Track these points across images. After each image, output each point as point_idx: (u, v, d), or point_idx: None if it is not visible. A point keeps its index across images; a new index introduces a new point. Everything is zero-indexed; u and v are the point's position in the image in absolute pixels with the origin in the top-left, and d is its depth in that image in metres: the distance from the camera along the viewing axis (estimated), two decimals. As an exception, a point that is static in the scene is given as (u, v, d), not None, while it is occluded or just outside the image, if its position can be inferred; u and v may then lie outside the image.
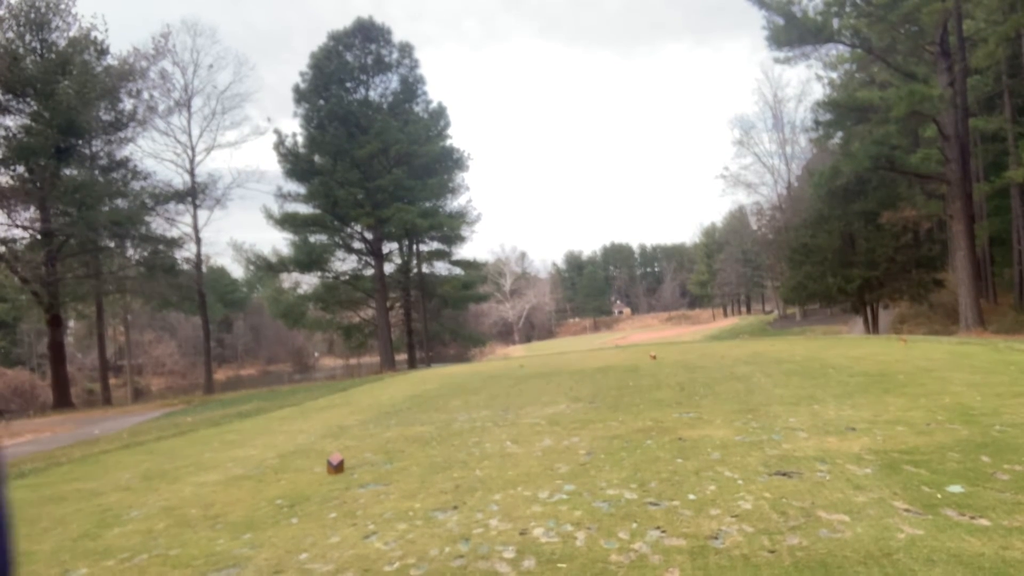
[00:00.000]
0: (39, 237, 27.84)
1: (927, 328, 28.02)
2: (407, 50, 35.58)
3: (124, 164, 31.48)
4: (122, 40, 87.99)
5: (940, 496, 3.52)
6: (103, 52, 29.77)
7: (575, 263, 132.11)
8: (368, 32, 34.69)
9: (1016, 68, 27.02)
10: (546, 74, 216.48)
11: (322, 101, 33.63)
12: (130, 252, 32.25)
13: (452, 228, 35.41)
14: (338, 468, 5.78)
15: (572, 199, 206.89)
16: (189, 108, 34.09)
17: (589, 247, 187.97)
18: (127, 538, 4.21)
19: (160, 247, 31.67)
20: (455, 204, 37.05)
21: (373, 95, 35.21)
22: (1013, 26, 22.65)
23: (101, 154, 30.78)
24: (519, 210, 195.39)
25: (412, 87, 35.78)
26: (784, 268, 39.80)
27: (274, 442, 8.02)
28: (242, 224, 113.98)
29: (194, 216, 33.16)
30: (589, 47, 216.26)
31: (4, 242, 27.45)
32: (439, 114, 36.19)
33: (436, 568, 3.22)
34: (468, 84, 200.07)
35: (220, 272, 63.51)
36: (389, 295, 35.69)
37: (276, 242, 51.85)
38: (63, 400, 27.87)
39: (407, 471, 5.55)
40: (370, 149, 31.92)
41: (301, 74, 34.14)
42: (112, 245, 30.83)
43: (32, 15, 27.25)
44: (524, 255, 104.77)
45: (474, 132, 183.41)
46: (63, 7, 28.10)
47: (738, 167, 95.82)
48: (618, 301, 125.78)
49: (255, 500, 4.97)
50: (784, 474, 4.25)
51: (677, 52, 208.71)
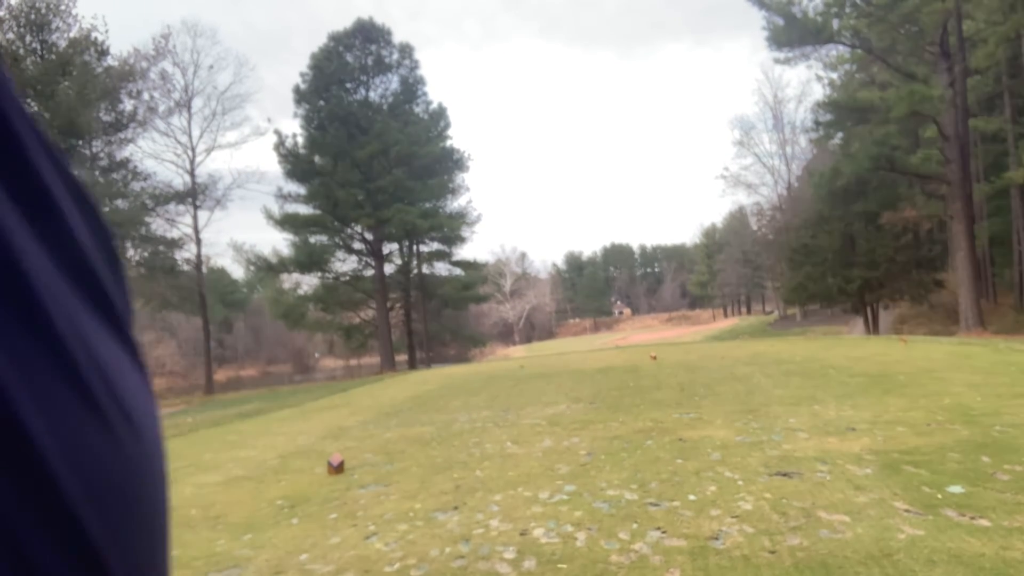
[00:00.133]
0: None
1: (927, 328, 27.99)
2: (407, 51, 35.63)
3: (124, 165, 31.51)
4: (122, 41, 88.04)
5: (940, 496, 3.52)
6: (103, 53, 29.78)
7: (575, 264, 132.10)
8: (368, 33, 34.73)
9: (1016, 69, 27.01)
10: (546, 74, 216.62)
11: (322, 102, 33.67)
12: (130, 253, 32.24)
13: (452, 229, 35.45)
14: (338, 469, 5.78)
15: (572, 199, 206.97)
16: (189, 109, 34.13)
17: (589, 247, 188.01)
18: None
19: (160, 248, 31.70)
20: (455, 205, 37.09)
21: (373, 96, 35.24)
22: (1013, 26, 22.66)
23: (101, 155, 30.80)
24: (519, 210, 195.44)
25: (412, 88, 35.81)
26: (784, 269, 39.79)
27: (274, 443, 8.02)
28: (242, 225, 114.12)
29: (194, 217, 33.20)
30: (589, 47, 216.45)
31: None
32: (439, 115, 36.23)
33: (437, 569, 3.22)
34: (468, 84, 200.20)
35: (220, 273, 63.46)
36: (389, 296, 35.70)
37: (276, 243, 51.92)
38: (63, 401, 27.84)
39: (407, 472, 5.55)
40: (370, 150, 31.96)
41: (301, 75, 34.17)
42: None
43: (32, 16, 27.27)
44: (524, 255, 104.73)
45: (474, 132, 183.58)
46: (63, 8, 28.13)
47: (738, 167, 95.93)
48: (618, 302, 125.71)
49: (256, 501, 4.97)
50: (784, 474, 4.25)
51: (677, 52, 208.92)
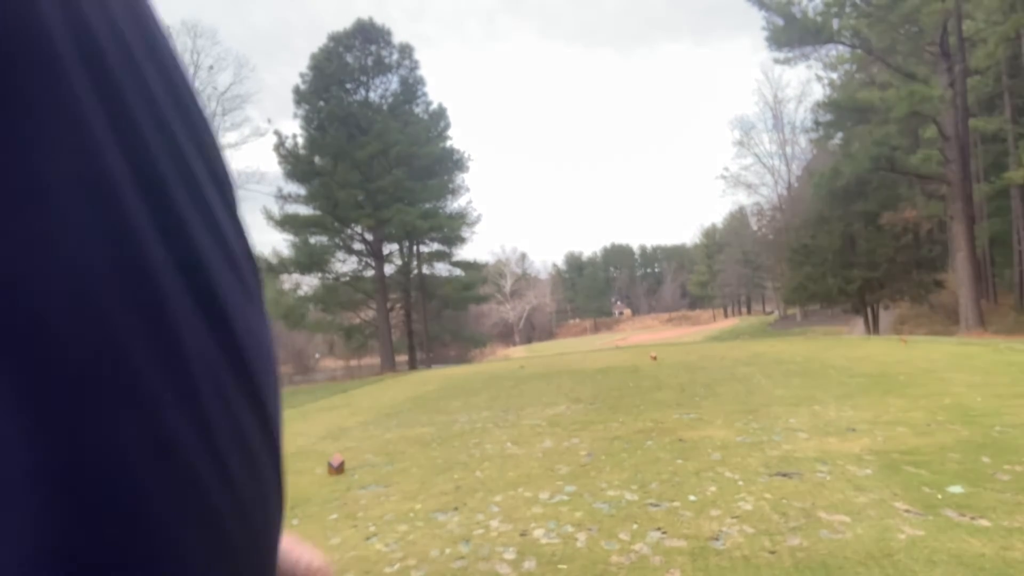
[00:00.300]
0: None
1: (928, 329, 27.99)
2: (407, 51, 35.66)
3: (124, 166, 31.54)
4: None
5: (941, 497, 3.52)
6: (103, 54, 29.84)
7: (575, 264, 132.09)
8: (368, 33, 34.76)
9: (1016, 68, 27.01)
10: (546, 74, 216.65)
11: (322, 102, 33.69)
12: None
13: (452, 229, 35.47)
14: (339, 469, 5.78)
15: (572, 199, 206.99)
16: (189, 109, 34.14)
17: (589, 248, 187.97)
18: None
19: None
20: (455, 205, 37.09)
21: (373, 96, 35.26)
22: (1013, 26, 22.66)
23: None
24: (519, 210, 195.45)
25: (412, 88, 35.83)
26: (784, 269, 39.79)
27: (275, 443, 8.01)
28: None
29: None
30: (589, 47, 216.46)
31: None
32: (439, 115, 36.26)
33: (437, 569, 3.22)
34: (468, 84, 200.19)
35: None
36: (389, 296, 35.71)
37: (276, 243, 51.92)
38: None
39: (408, 472, 5.55)
40: (370, 150, 31.97)
41: (301, 75, 34.19)
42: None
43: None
44: (524, 256, 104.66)
45: (474, 132, 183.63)
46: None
47: (738, 168, 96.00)
48: (618, 302, 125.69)
49: (256, 501, 4.97)
50: (785, 475, 4.25)
51: (677, 52, 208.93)
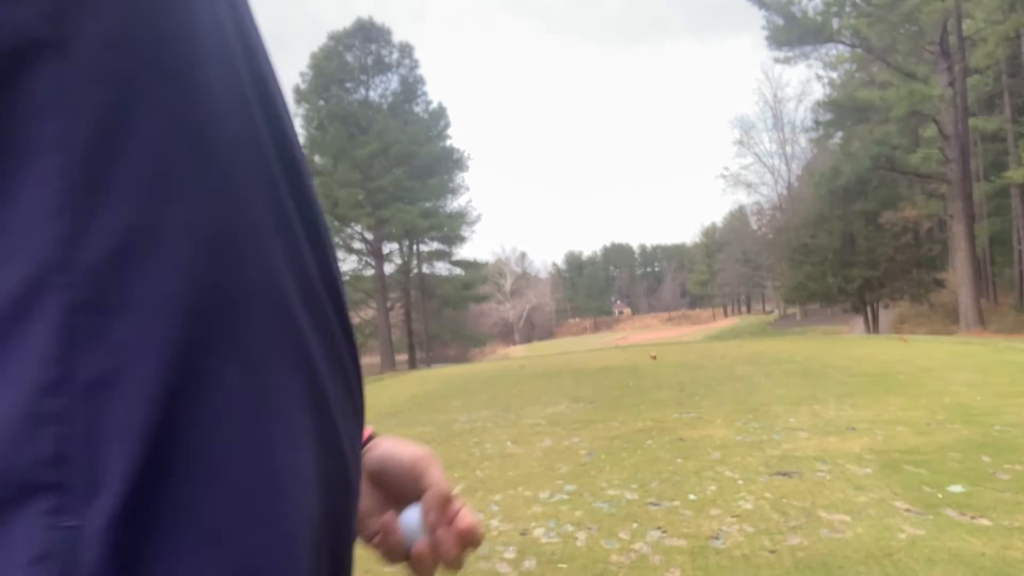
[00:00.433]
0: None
1: (927, 328, 28.00)
2: (407, 50, 35.66)
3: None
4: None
5: (941, 496, 3.52)
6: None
7: (575, 263, 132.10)
8: (368, 32, 34.76)
9: (1016, 68, 27.02)
10: (546, 74, 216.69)
11: (322, 101, 33.70)
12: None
13: (452, 228, 35.49)
14: (339, 468, 5.77)
15: (572, 199, 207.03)
16: (189, 109, 34.15)
17: (589, 247, 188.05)
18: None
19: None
20: (455, 204, 37.14)
21: (373, 95, 35.28)
22: (1013, 26, 22.67)
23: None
24: (519, 210, 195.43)
25: (412, 87, 35.84)
26: (784, 268, 39.81)
27: (275, 442, 8.01)
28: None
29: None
30: (590, 46, 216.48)
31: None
32: (439, 114, 36.27)
33: (437, 568, 3.21)
34: (468, 84, 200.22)
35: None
36: (389, 295, 35.72)
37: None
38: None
39: (408, 471, 5.54)
40: (370, 149, 31.97)
41: (301, 74, 34.20)
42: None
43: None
44: (524, 255, 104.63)
45: (474, 132, 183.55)
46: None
47: (738, 167, 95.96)
48: (618, 301, 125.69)
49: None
50: (785, 474, 4.25)
51: (678, 51, 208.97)
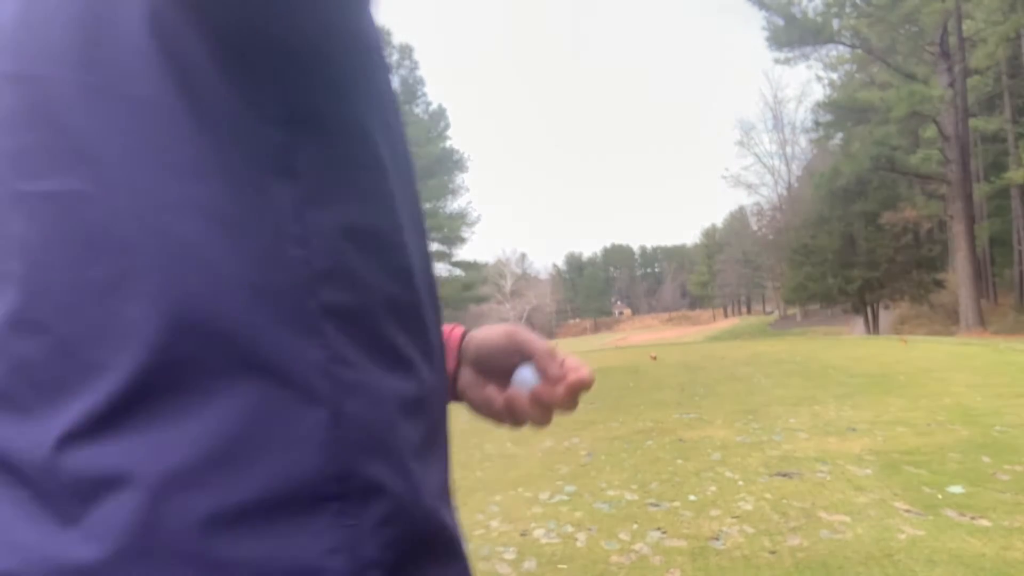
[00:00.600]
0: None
1: (927, 329, 28.00)
2: (407, 51, 35.67)
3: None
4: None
5: (941, 497, 3.52)
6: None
7: (575, 264, 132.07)
8: (368, 33, 34.83)
9: (1016, 68, 27.02)
10: (546, 72, 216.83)
11: (322, 102, 33.78)
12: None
13: (452, 229, 35.50)
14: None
15: (572, 199, 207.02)
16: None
17: (589, 248, 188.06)
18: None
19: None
20: (455, 205, 37.15)
21: (373, 96, 35.34)
22: (1013, 26, 22.67)
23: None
24: (519, 210, 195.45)
25: (412, 88, 35.84)
26: (784, 269, 39.82)
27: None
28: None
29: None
30: (590, 46, 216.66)
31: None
32: (439, 115, 36.28)
33: (437, 569, 3.21)
34: (468, 84, 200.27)
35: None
36: (389, 296, 35.76)
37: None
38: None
39: (408, 472, 5.54)
40: (370, 150, 32.05)
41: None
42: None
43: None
44: (524, 256, 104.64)
45: (474, 132, 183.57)
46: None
47: (739, 168, 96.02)
48: (618, 302, 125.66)
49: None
50: (785, 475, 4.25)
51: (678, 51, 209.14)
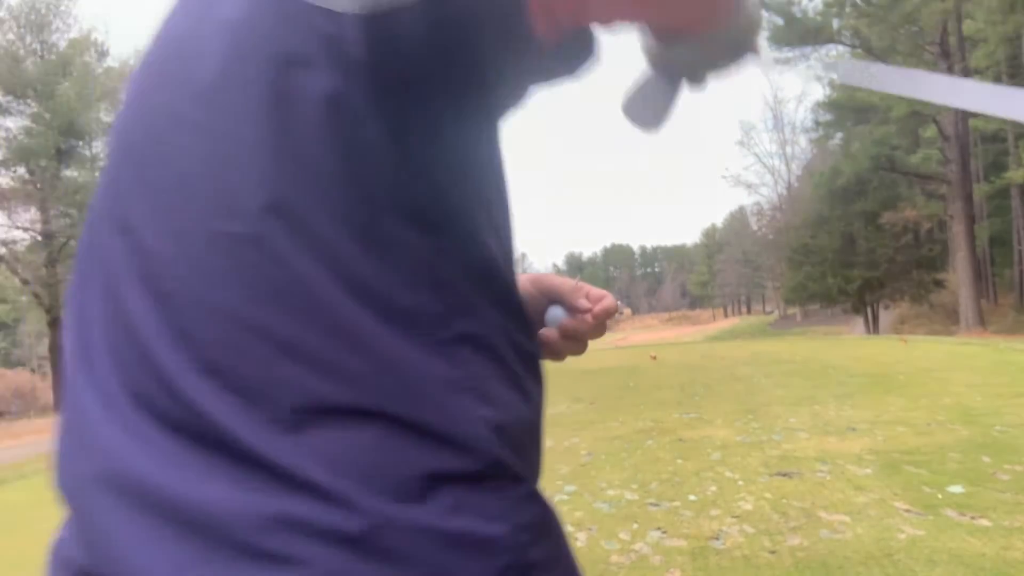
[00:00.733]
0: (40, 238, 27.84)
1: (927, 328, 27.99)
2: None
3: (125, 165, 31.55)
4: (123, 42, 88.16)
5: (941, 496, 3.52)
6: (103, 54, 29.80)
7: (575, 264, 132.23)
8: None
9: (1016, 68, 27.01)
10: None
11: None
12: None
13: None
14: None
15: (572, 199, 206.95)
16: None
17: (589, 248, 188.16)
18: (128, 539, 4.20)
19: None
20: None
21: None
22: (1013, 26, 22.67)
23: (101, 155, 30.81)
24: (519, 210, 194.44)
25: (412, 88, 35.92)
26: (784, 269, 39.80)
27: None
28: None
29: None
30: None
31: (5, 243, 27.46)
32: (439, 115, 36.33)
33: (437, 569, 3.21)
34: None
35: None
36: (389, 296, 35.76)
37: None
38: (64, 401, 27.86)
39: (408, 472, 5.54)
40: (370, 150, 32.06)
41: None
42: (113, 247, 30.84)
43: (32, 16, 27.26)
44: (524, 256, 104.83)
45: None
46: (63, 9, 28.13)
47: (739, 167, 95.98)
48: (618, 302, 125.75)
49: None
50: (785, 474, 4.25)
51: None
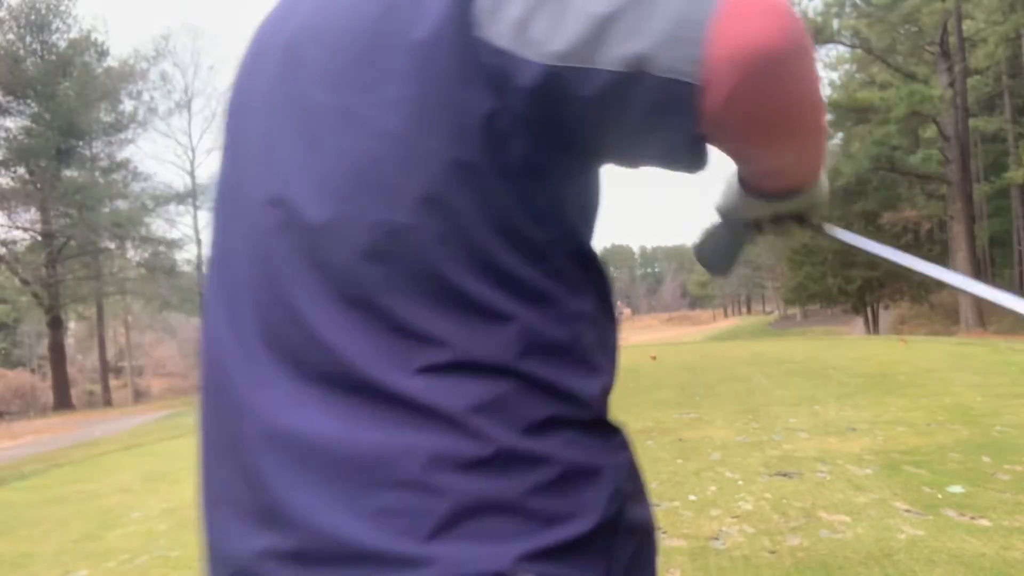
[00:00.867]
0: (40, 239, 27.87)
1: (927, 329, 28.00)
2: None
3: (124, 166, 31.54)
4: (123, 42, 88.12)
5: (941, 496, 3.52)
6: (103, 54, 29.81)
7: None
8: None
9: (1016, 68, 27.02)
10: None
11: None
12: (130, 254, 32.27)
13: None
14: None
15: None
16: (189, 110, 34.16)
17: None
18: (128, 540, 4.21)
19: (161, 248, 31.72)
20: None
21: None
22: (1013, 26, 22.67)
23: (101, 156, 30.81)
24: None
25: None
26: (784, 269, 39.80)
27: (275, 443, 8.00)
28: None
29: (194, 218, 33.22)
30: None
31: (5, 244, 27.49)
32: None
33: (437, 569, 3.21)
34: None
35: (221, 273, 63.55)
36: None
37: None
38: (64, 402, 27.88)
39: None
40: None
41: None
42: (112, 247, 30.87)
43: (32, 17, 27.27)
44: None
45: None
46: (63, 9, 28.15)
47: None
48: (618, 302, 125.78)
49: (256, 501, 4.96)
50: (785, 474, 4.25)
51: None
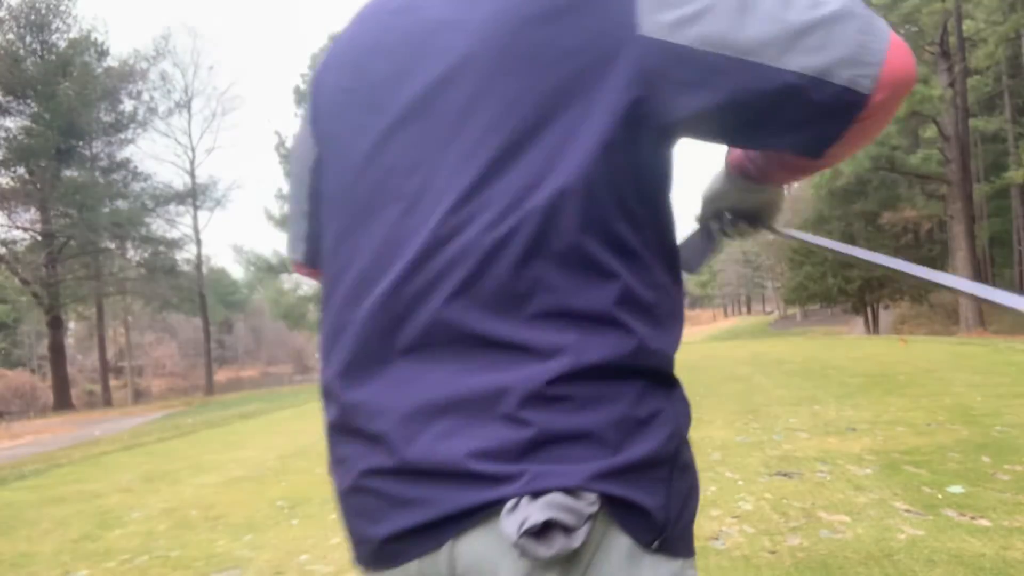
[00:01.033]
0: (39, 238, 27.88)
1: (927, 329, 28.00)
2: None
3: (124, 165, 31.54)
4: (123, 42, 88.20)
5: (941, 496, 3.52)
6: (103, 54, 29.81)
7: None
8: (368, 33, 34.78)
9: (1016, 68, 27.03)
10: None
11: (323, 102, 33.72)
12: (130, 253, 32.28)
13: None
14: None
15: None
16: (189, 109, 34.15)
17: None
18: (128, 539, 4.21)
19: (160, 248, 31.73)
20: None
21: (374, 95, 35.27)
22: (1013, 26, 22.67)
23: (101, 155, 30.81)
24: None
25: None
26: (784, 269, 39.82)
27: (275, 443, 8.02)
28: (243, 225, 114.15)
29: (194, 217, 33.22)
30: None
31: (5, 243, 27.50)
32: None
33: (437, 569, 3.21)
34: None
35: (220, 273, 63.42)
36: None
37: (276, 243, 52.05)
38: (63, 401, 27.89)
39: (408, 472, 5.53)
40: (370, 150, 32.04)
41: (301, 75, 34.16)
42: (112, 246, 30.88)
43: (32, 17, 27.27)
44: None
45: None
46: (63, 9, 28.15)
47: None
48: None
49: (256, 501, 4.97)
50: (785, 474, 4.25)
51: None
